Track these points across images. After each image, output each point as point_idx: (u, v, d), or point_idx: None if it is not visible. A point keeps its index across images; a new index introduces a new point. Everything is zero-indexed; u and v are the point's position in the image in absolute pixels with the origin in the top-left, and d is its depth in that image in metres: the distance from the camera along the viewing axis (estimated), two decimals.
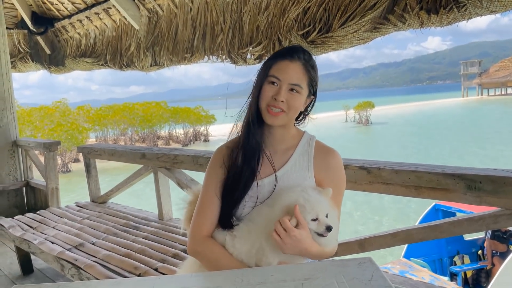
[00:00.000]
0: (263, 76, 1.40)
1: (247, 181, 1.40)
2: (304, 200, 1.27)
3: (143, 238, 2.84)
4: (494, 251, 6.76)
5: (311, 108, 1.51)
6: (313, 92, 1.45)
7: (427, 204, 7.36)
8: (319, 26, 2.74)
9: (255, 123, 1.41)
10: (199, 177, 3.17)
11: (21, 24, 5.82)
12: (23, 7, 5.47)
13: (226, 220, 1.42)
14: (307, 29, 2.81)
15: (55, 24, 5.49)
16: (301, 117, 1.52)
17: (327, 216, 1.29)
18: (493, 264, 6.69)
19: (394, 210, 12.38)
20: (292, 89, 1.37)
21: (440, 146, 23.38)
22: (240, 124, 1.46)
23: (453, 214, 6.65)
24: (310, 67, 1.41)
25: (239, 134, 1.47)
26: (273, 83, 1.38)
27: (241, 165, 1.42)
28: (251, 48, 3.24)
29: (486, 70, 73.87)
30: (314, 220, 1.27)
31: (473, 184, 1.73)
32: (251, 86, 1.46)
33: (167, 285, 1.21)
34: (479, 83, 73.05)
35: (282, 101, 1.36)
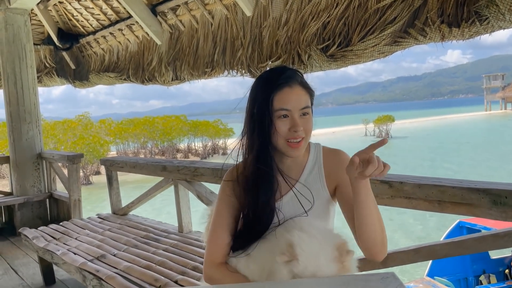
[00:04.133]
0: (269, 112, 1.30)
1: (267, 219, 1.36)
2: (305, 260, 1.18)
3: (163, 250, 2.86)
4: None
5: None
6: (311, 105, 1.39)
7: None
8: (339, 40, 2.76)
9: (267, 158, 1.35)
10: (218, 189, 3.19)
11: (48, 40, 6.03)
12: (50, 24, 5.67)
13: (242, 246, 1.39)
14: (327, 43, 2.82)
15: (80, 40, 5.66)
16: None
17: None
18: None
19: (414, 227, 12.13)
20: (303, 114, 1.33)
21: (462, 161, 22.89)
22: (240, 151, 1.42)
23: (478, 232, 6.48)
24: (306, 84, 1.36)
25: (240, 162, 1.43)
26: (284, 116, 1.31)
27: (259, 202, 1.35)
28: (270, 62, 3.27)
29: (510, 83, 72.38)
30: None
31: (499, 199, 1.69)
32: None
33: None
34: (503, 97, 71.58)
35: (301, 129, 1.31)
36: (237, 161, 1.45)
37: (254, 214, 1.36)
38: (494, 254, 6.97)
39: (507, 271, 7.03)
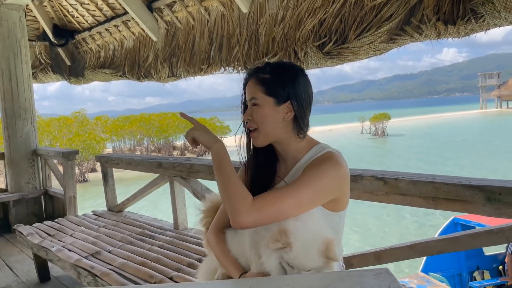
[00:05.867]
0: (244, 104, 1.47)
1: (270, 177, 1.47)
2: (298, 249, 1.21)
3: (158, 247, 2.86)
4: None
5: (303, 111, 1.40)
6: (285, 97, 1.37)
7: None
8: (335, 37, 2.76)
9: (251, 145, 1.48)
10: (214, 186, 3.19)
11: (43, 36, 5.99)
12: (45, 19, 5.63)
13: None
14: (323, 40, 2.82)
15: (76, 36, 5.63)
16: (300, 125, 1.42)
17: None
18: None
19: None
20: (253, 104, 1.40)
21: (458, 159, 22.98)
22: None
23: (472, 228, 6.51)
24: (262, 77, 1.39)
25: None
26: (246, 107, 1.45)
27: (255, 176, 1.48)
28: (267, 59, 3.26)
29: (505, 82, 72.61)
30: (290, 266, 1.23)
31: (493, 196, 1.69)
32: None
33: None
34: (498, 95, 71.88)
35: (248, 118, 1.40)
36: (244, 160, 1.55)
37: (258, 174, 1.47)
38: (488, 251, 7.01)
39: (500, 267, 7.08)
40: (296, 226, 1.22)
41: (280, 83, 1.38)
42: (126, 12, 4.57)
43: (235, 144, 1.53)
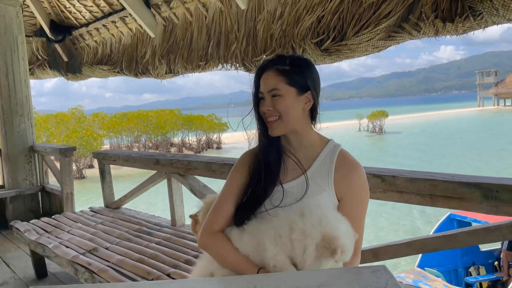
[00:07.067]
0: (256, 96, 1.49)
1: (267, 187, 1.45)
2: (346, 247, 1.29)
3: (155, 243, 2.86)
4: (510, 262, 6.62)
5: (317, 102, 1.49)
6: (306, 87, 1.44)
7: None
8: (333, 35, 2.75)
9: (267, 136, 1.48)
10: (212, 183, 3.19)
11: (40, 32, 5.96)
12: (42, 15, 5.60)
13: (241, 219, 1.47)
14: (321, 37, 2.81)
15: (73, 32, 5.60)
16: (314, 116, 1.51)
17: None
18: (509, 276, 6.55)
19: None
20: (273, 96, 1.42)
21: (455, 156, 23.05)
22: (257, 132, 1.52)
23: (469, 224, 6.54)
24: (282, 68, 1.43)
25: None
26: (262, 98, 1.46)
27: (263, 172, 1.46)
28: (265, 56, 3.25)
29: (503, 80, 72.75)
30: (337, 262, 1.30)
31: (490, 193, 1.70)
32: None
33: None
34: (496, 93, 72.03)
35: (268, 109, 1.42)
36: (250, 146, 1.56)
37: (257, 181, 1.47)
38: (484, 247, 7.06)
39: (496, 263, 7.13)
40: (336, 227, 1.29)
41: (301, 74, 1.44)
42: (123, 8, 4.54)
43: (233, 140, 1.54)
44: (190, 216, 1.82)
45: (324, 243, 1.24)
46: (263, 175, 1.46)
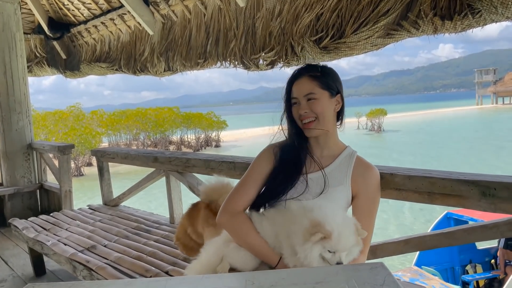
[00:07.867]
0: (288, 102, 1.64)
1: (293, 178, 1.57)
2: (337, 234, 1.31)
3: (154, 241, 2.86)
4: (507, 261, 6.65)
5: (343, 104, 1.67)
6: (336, 91, 1.62)
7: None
8: (332, 32, 2.74)
9: (300, 137, 1.63)
10: None
11: (38, 29, 5.95)
12: (40, 12, 5.58)
13: (263, 204, 1.59)
14: (320, 35, 2.81)
15: (71, 29, 5.59)
16: (340, 118, 1.69)
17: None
18: (505, 274, 6.58)
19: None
20: (309, 99, 1.58)
21: (453, 154, 23.07)
22: (284, 127, 1.67)
23: (465, 223, 6.56)
24: (315, 75, 1.60)
25: (287, 137, 1.67)
26: (295, 103, 1.62)
27: (291, 164, 1.59)
28: (263, 54, 3.25)
29: (501, 78, 72.78)
30: (331, 252, 1.31)
31: (488, 191, 1.70)
32: (263, 93, 1.55)
33: (178, 286, 1.21)
34: (494, 91, 72.07)
35: (305, 111, 1.57)
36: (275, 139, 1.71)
37: (283, 170, 1.59)
38: (481, 245, 7.09)
39: (492, 261, 7.16)
40: (326, 214, 1.33)
41: (331, 79, 1.62)
42: (122, 6, 4.53)
43: (232, 138, 1.59)
44: (175, 243, 1.87)
45: (309, 228, 1.30)
46: (290, 167, 1.59)
